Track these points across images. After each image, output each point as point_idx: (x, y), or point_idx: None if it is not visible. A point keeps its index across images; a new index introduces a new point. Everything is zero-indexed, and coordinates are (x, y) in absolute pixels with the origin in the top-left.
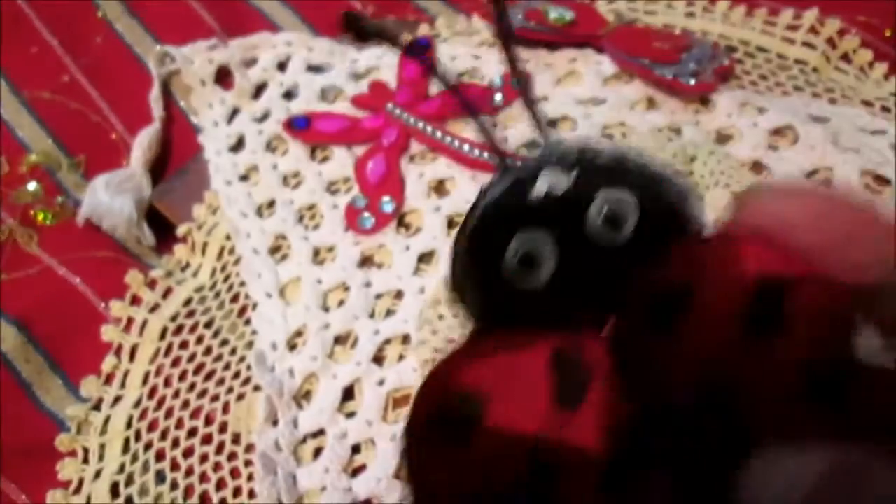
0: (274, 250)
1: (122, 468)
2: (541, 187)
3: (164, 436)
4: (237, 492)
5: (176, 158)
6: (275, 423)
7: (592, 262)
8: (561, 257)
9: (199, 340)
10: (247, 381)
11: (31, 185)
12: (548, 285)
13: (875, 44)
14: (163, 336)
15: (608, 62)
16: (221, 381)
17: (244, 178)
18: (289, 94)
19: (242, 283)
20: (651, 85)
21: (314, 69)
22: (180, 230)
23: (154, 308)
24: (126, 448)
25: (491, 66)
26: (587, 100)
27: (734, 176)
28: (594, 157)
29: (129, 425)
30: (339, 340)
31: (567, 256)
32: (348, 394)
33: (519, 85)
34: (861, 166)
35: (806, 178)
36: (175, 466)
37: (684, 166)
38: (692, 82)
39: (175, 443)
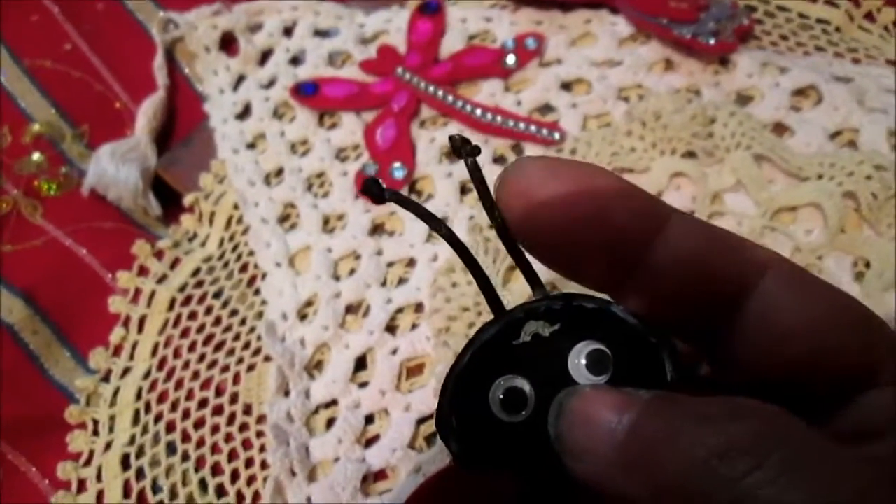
0: (283, 219)
1: (132, 440)
2: (524, 337)
3: (174, 407)
4: (249, 463)
5: (181, 127)
6: (286, 393)
7: None
8: (538, 398)
9: (209, 311)
10: (257, 351)
11: (35, 156)
12: (525, 422)
13: None
14: (171, 307)
15: (623, 23)
16: (231, 352)
17: (251, 146)
18: (295, 60)
19: (251, 253)
20: (669, 45)
21: (321, 34)
22: (187, 200)
23: (162, 279)
24: (136, 420)
25: (503, 28)
26: (602, 61)
27: (756, 137)
28: (578, 311)
29: (138, 397)
30: (350, 309)
31: (543, 397)
32: (361, 363)
33: (512, 251)
34: (888, 126)
35: (830, 138)
36: (186, 438)
37: (703, 128)
38: (712, 42)
39: (185, 414)
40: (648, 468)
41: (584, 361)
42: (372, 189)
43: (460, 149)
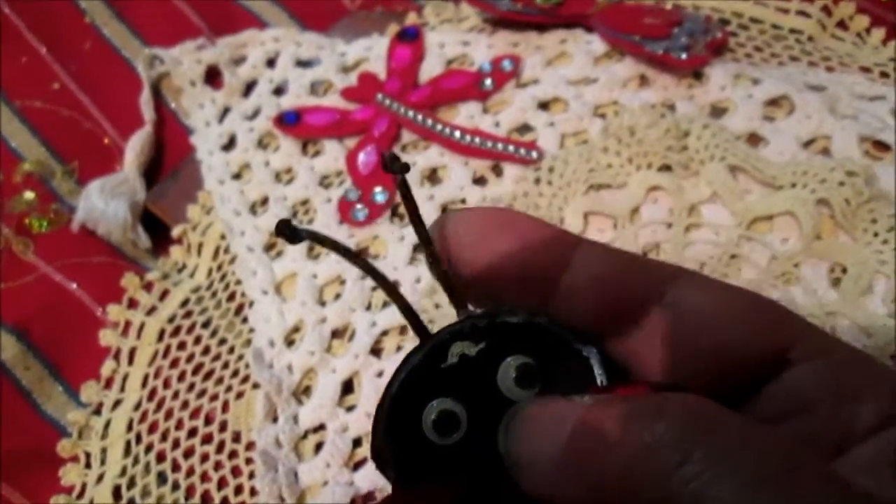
0: (269, 247)
1: (123, 471)
2: (451, 359)
3: (164, 437)
4: (239, 490)
5: (169, 160)
6: (275, 419)
7: (499, 420)
8: (470, 418)
9: (197, 341)
10: (245, 378)
11: (27, 194)
12: (459, 442)
13: (872, 9)
14: (161, 338)
15: (598, 41)
16: (220, 381)
17: (237, 176)
18: (279, 90)
19: (238, 282)
20: (643, 61)
21: (303, 64)
22: (175, 231)
23: (151, 310)
24: (127, 451)
25: (480, 52)
26: (578, 80)
27: (730, 149)
28: (502, 327)
29: (129, 428)
30: (336, 334)
31: (476, 416)
32: (347, 387)
33: (434, 266)
34: (859, 133)
35: (804, 147)
36: (176, 467)
37: (677, 141)
38: (683, 56)
39: (175, 444)
40: (584, 471)
41: (512, 375)
42: (284, 231)
43: (390, 166)
